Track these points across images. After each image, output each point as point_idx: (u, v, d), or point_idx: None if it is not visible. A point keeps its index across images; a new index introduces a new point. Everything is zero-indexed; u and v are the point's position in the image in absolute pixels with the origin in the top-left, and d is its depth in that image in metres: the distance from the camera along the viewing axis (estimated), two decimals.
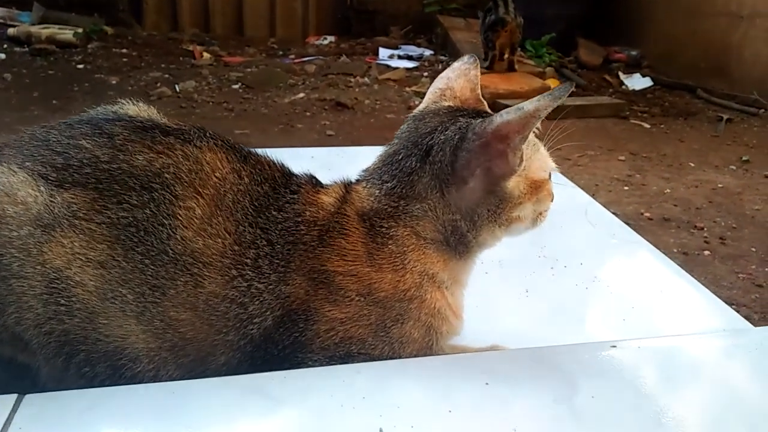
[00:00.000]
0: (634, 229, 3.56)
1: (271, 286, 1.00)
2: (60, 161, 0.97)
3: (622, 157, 4.86)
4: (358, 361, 1.02)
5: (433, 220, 1.05)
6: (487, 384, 0.98)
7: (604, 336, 1.33)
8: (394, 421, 0.89)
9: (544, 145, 1.17)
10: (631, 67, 7.78)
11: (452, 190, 1.04)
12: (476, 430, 0.89)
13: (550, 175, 1.14)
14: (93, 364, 0.96)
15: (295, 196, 1.08)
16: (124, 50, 7.46)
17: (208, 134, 1.07)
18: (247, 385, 0.93)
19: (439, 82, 1.23)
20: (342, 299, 1.01)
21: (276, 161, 1.13)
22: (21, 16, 8.04)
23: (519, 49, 6.93)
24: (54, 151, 0.99)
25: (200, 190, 0.99)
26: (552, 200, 1.16)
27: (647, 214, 3.81)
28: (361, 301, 1.01)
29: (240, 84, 6.25)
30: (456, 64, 1.25)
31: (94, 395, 0.91)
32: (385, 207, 1.06)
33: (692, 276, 3.09)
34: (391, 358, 1.04)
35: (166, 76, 6.46)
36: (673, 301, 1.52)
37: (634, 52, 7.98)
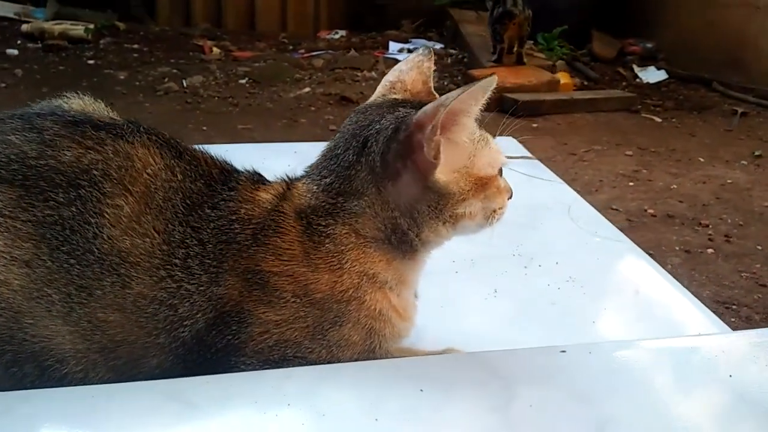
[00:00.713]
0: (636, 227, 3.50)
1: (202, 288, 0.97)
2: None
3: (630, 152, 4.75)
4: (293, 366, 0.98)
5: (372, 217, 1.01)
6: (421, 390, 0.94)
7: (569, 339, 1.27)
8: (316, 429, 0.85)
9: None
10: (646, 60, 7.61)
11: (388, 185, 1.00)
12: None
13: (500, 171, 1.09)
14: (20, 364, 0.94)
15: (232, 193, 1.05)
16: (136, 45, 7.49)
17: (141, 129, 1.05)
18: (167, 391, 0.91)
19: (391, 74, 1.19)
20: (277, 301, 0.98)
21: (217, 158, 1.10)
22: (35, 12, 8.12)
23: (529, 42, 6.83)
24: None
25: (129, 187, 0.97)
26: (510, 197, 1.11)
27: (651, 211, 3.72)
28: (296, 303, 0.98)
29: (247, 79, 6.23)
30: (411, 56, 1.21)
31: (9, 399, 0.89)
32: (323, 204, 1.02)
33: (693, 275, 3.02)
34: (329, 362, 1.00)
35: (175, 71, 6.47)
36: (650, 303, 1.46)
37: (649, 45, 7.81)
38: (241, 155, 1.85)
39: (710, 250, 3.30)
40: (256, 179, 1.11)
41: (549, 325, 1.34)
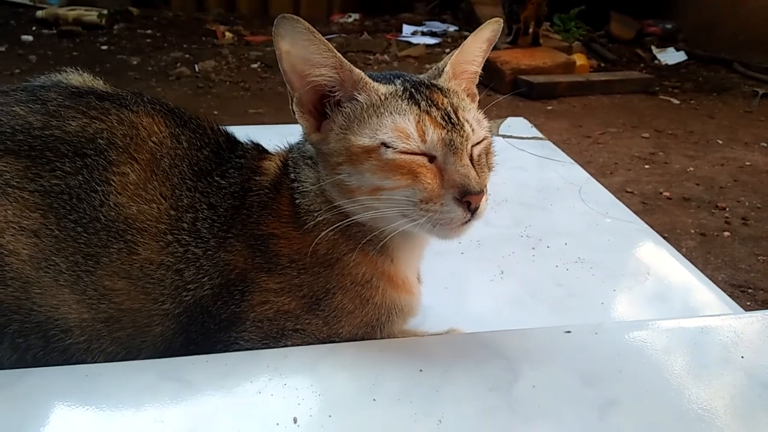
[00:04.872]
0: (650, 209, 3.44)
1: (209, 252, 0.97)
2: None
3: (646, 134, 4.67)
4: (293, 340, 0.97)
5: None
6: (421, 371, 0.92)
7: (576, 321, 1.25)
8: (312, 410, 0.84)
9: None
10: (666, 41, 7.47)
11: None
12: (397, 420, 0.84)
13: (386, 147, 0.90)
14: (26, 335, 0.94)
15: (241, 161, 1.06)
16: (149, 31, 7.50)
17: (145, 98, 1.06)
18: (164, 369, 0.90)
19: None
20: (275, 267, 0.98)
21: (221, 127, 1.11)
22: None
23: (546, 23, 6.72)
24: None
25: (135, 155, 0.97)
26: (397, 180, 0.90)
27: (666, 194, 3.65)
28: (291, 269, 0.98)
29: (259, 63, 6.22)
30: None
31: (4, 377, 0.88)
32: (301, 168, 1.04)
33: (708, 258, 2.96)
34: (329, 336, 0.99)
35: (187, 56, 6.47)
36: (661, 285, 1.43)
37: (669, 26, 7.66)
38: (249, 137, 1.85)
39: (726, 233, 3.23)
40: (261, 149, 1.12)
41: (555, 307, 1.31)
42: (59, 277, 0.93)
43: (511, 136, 2.30)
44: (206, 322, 0.97)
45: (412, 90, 0.95)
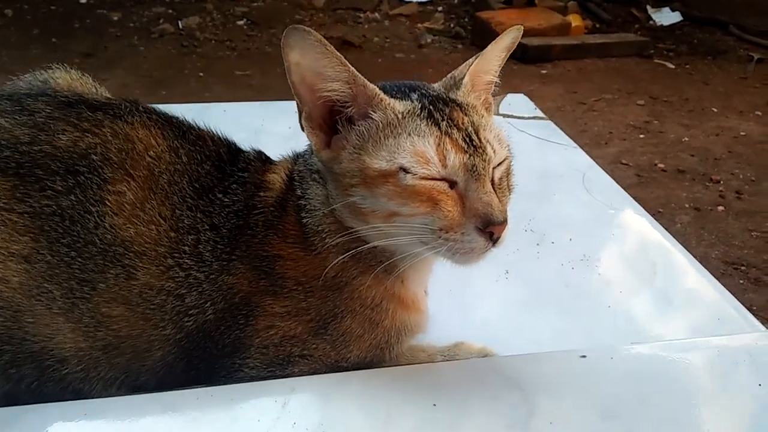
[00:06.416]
0: (645, 182, 3.41)
1: (212, 276, 0.92)
2: None
3: (641, 102, 4.61)
4: (299, 367, 0.94)
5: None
6: (434, 405, 0.89)
7: (584, 326, 1.23)
8: None
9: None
10: (661, 1, 7.32)
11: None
12: None
13: (405, 172, 0.84)
14: (19, 365, 0.90)
15: (244, 175, 0.99)
16: None
17: (140, 108, 0.98)
18: (167, 403, 0.86)
19: None
20: (281, 290, 0.93)
21: (221, 136, 1.04)
22: None
23: None
24: None
25: (131, 171, 0.91)
26: (415, 207, 0.85)
27: (661, 165, 3.62)
28: (298, 292, 0.93)
29: (245, 20, 6.00)
30: None
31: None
32: (307, 185, 0.98)
33: (702, 234, 2.95)
34: (336, 360, 0.95)
35: (170, 11, 6.22)
36: (669, 285, 1.40)
37: None
38: (240, 115, 1.75)
39: (720, 208, 3.23)
40: (264, 159, 1.05)
41: (563, 310, 1.28)
42: (53, 305, 0.88)
43: (511, 116, 2.23)
44: (209, 348, 0.93)
45: (431, 107, 0.89)
